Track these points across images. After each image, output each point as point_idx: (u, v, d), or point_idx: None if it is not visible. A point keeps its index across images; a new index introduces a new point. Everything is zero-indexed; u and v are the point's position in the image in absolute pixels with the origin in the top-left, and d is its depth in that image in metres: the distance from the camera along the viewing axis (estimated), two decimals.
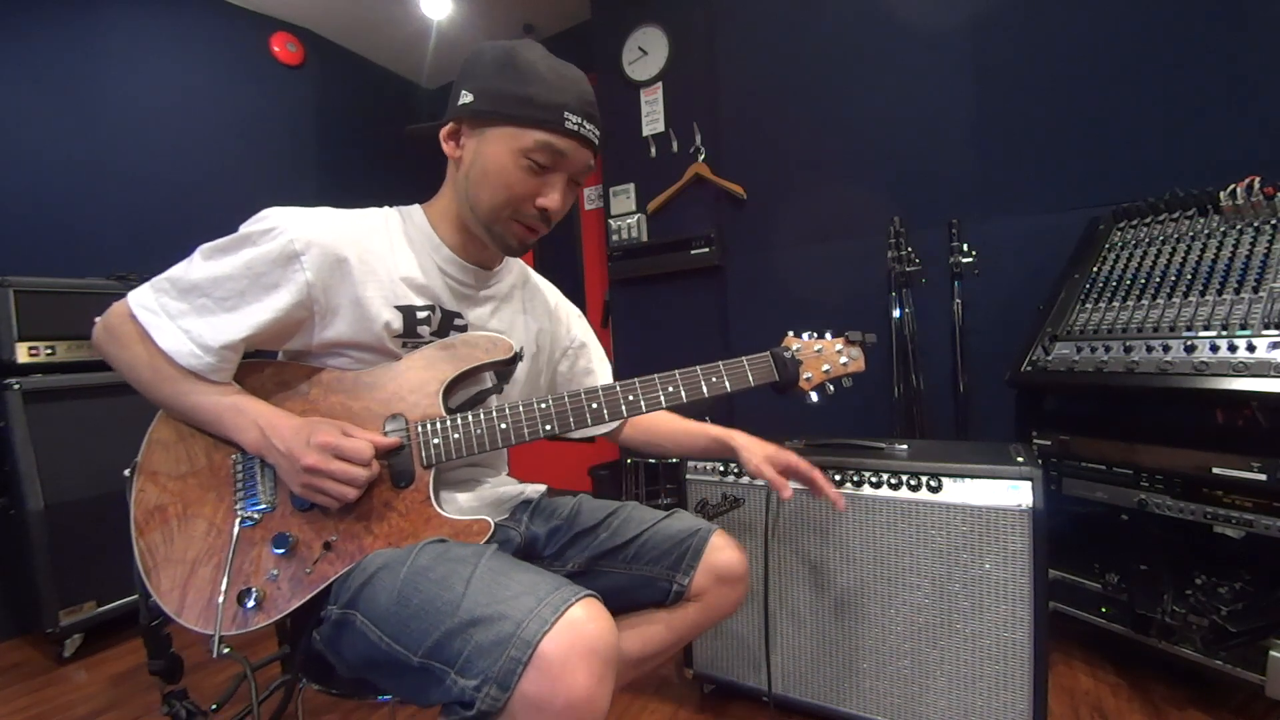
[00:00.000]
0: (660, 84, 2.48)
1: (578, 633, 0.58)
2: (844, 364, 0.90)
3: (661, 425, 1.09)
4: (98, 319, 0.78)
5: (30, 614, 1.69)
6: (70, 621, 1.66)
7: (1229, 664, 1.13)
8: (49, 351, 1.70)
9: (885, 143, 2.02)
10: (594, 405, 0.81)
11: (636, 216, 2.57)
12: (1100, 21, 1.68)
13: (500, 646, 0.57)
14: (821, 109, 2.13)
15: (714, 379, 0.84)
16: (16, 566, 1.69)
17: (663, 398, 0.82)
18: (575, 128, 0.78)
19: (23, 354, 1.66)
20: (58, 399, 1.68)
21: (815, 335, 0.91)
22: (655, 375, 0.83)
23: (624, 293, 2.70)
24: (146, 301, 0.75)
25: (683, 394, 0.83)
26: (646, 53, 2.52)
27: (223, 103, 2.73)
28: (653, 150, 2.53)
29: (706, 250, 2.36)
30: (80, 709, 1.47)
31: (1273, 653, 1.07)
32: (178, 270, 0.76)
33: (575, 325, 1.09)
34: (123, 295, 0.76)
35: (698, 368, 0.84)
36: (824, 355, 0.90)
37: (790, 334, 0.92)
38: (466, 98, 0.79)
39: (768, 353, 0.88)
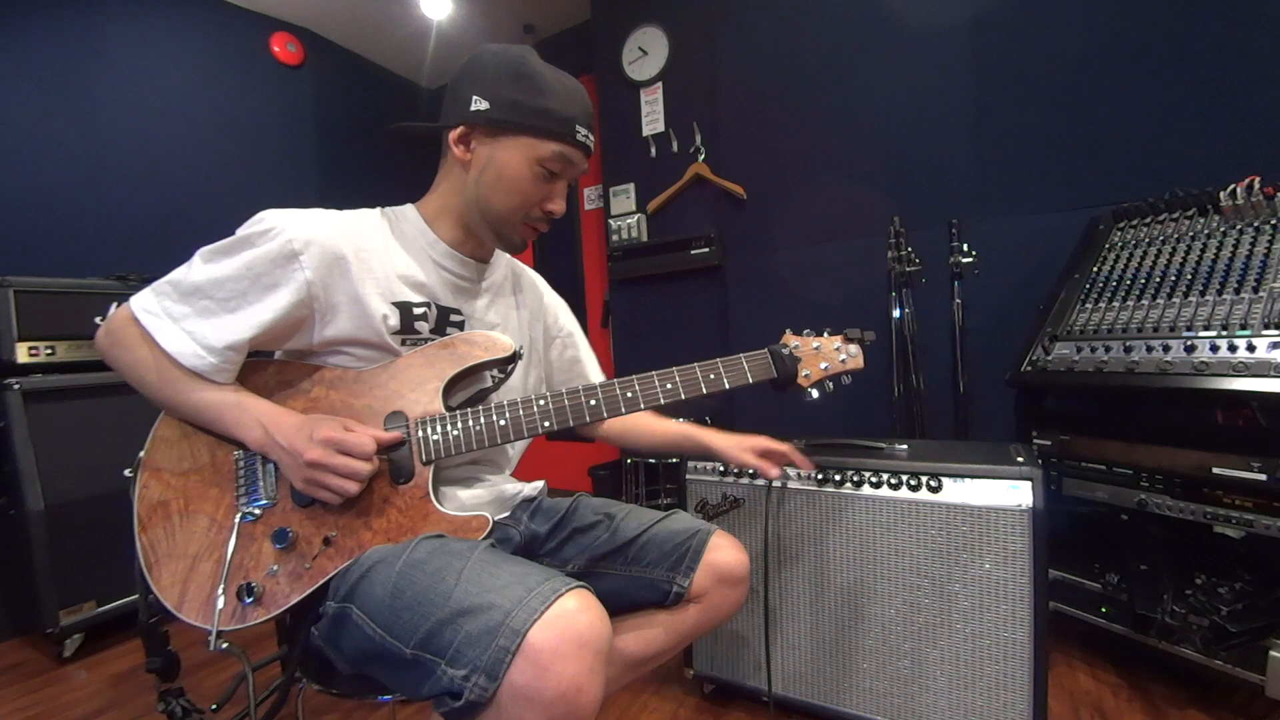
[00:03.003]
0: (660, 84, 2.49)
1: (568, 623, 0.58)
2: (843, 361, 0.91)
3: (639, 420, 1.10)
4: (100, 322, 0.79)
5: (30, 614, 1.69)
6: (70, 621, 1.66)
7: (1229, 664, 1.13)
8: (49, 351, 1.70)
9: (885, 143, 2.02)
10: (592, 402, 0.81)
11: (636, 216, 2.57)
12: (1100, 21, 1.68)
13: (489, 636, 0.57)
14: (821, 109, 2.13)
15: (712, 376, 0.85)
16: (16, 566, 1.69)
17: (661, 395, 0.83)
18: (584, 139, 0.84)
19: (23, 354, 1.66)
20: (58, 399, 1.68)
21: (813, 333, 0.92)
22: (653, 372, 0.83)
23: (624, 293, 2.70)
24: (149, 305, 0.75)
25: (681, 391, 0.83)
26: (646, 53, 2.52)
27: (223, 103, 2.73)
28: (653, 150, 2.53)
29: (706, 250, 2.36)
30: (80, 709, 1.47)
31: (1273, 653, 1.06)
32: (178, 273, 0.77)
33: (563, 315, 1.11)
34: (123, 296, 0.77)
35: (696, 365, 0.85)
36: (822, 353, 0.90)
37: (789, 331, 0.92)
38: (480, 104, 0.80)
39: (765, 350, 0.89)
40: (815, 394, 0.90)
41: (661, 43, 2.47)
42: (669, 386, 0.83)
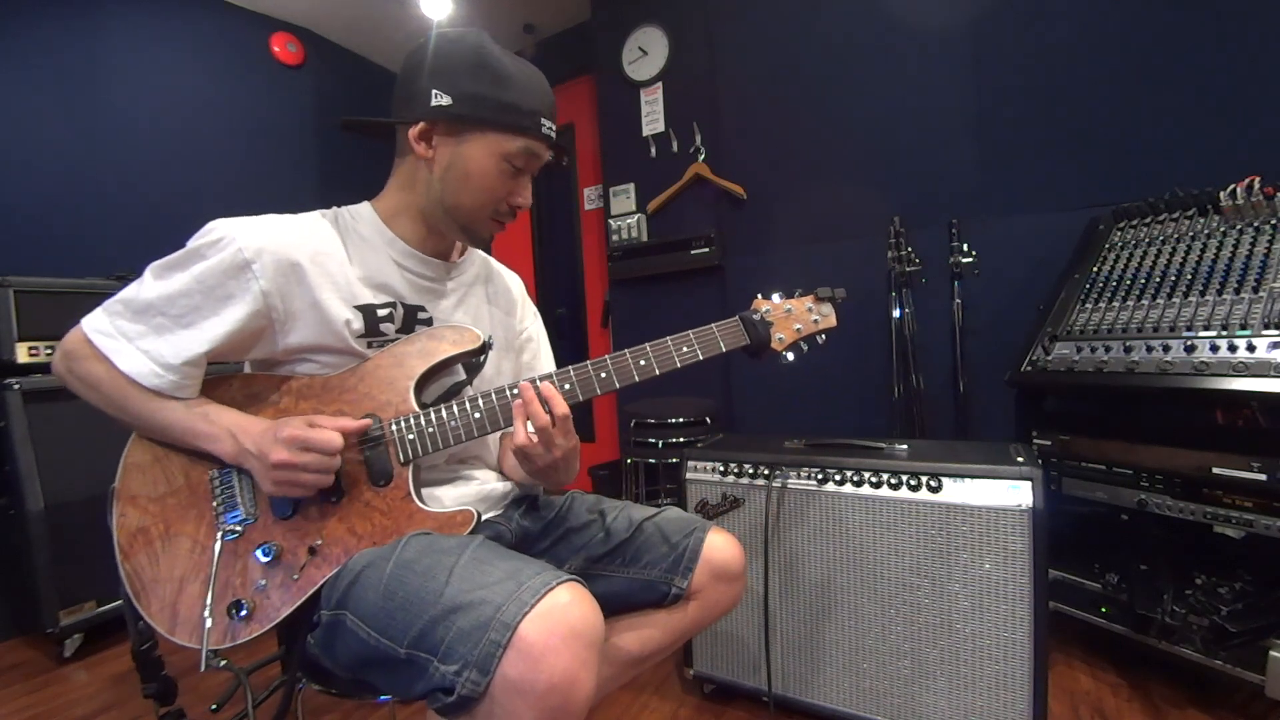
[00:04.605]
0: (660, 84, 2.49)
1: (559, 615, 0.58)
2: (815, 321, 0.89)
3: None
4: (55, 348, 0.78)
5: (30, 614, 1.69)
6: (70, 621, 1.66)
7: (1229, 664, 1.13)
8: (49, 351, 1.70)
9: (885, 143, 2.02)
10: (566, 386, 0.80)
11: (636, 216, 2.57)
12: (1100, 22, 1.68)
13: (480, 630, 0.57)
14: (821, 109, 2.13)
15: (685, 348, 0.83)
16: (16, 566, 1.69)
17: (635, 372, 0.81)
18: (549, 132, 0.82)
19: (23, 354, 1.66)
20: (58, 399, 1.68)
21: (784, 295, 0.90)
22: (626, 350, 0.81)
23: (624, 293, 2.70)
24: (101, 326, 0.74)
25: (655, 366, 0.81)
26: (646, 53, 2.52)
27: (222, 103, 2.73)
28: (653, 150, 2.53)
29: (706, 250, 2.36)
30: (80, 709, 1.47)
31: (1273, 653, 1.06)
32: (129, 291, 0.75)
33: (529, 319, 1.07)
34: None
35: (668, 338, 0.83)
36: (795, 315, 0.88)
37: (759, 296, 0.90)
38: (442, 99, 0.78)
39: (737, 317, 0.87)
40: (790, 356, 0.88)
41: (661, 43, 2.47)
42: (643, 363, 0.81)
